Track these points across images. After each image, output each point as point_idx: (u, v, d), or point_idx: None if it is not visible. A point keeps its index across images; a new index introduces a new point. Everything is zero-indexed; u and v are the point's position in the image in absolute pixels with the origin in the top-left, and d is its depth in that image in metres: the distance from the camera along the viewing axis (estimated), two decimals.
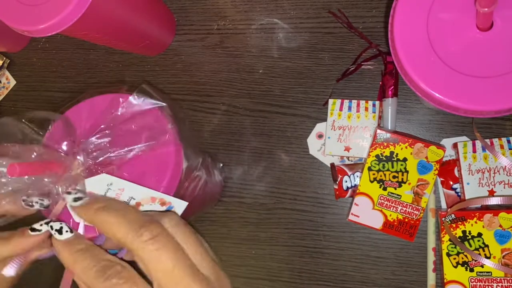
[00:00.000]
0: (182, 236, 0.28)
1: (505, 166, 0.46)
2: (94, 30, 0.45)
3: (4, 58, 0.65)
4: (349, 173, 0.51)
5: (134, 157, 0.36)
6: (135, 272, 0.27)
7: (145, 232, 0.26)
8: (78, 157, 0.34)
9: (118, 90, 0.40)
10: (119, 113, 0.37)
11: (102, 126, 0.37)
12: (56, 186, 0.32)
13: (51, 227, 0.29)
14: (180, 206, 0.32)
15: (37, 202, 0.32)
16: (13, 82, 0.65)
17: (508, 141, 0.47)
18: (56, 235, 0.29)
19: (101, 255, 0.28)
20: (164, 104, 0.38)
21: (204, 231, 0.57)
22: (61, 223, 0.30)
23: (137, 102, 0.38)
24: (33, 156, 0.32)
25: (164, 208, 0.32)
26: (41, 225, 0.30)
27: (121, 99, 0.38)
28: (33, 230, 0.30)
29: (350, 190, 0.51)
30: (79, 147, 0.36)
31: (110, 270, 0.27)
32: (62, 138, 0.37)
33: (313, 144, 0.54)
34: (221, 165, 0.56)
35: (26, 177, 0.31)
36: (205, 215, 0.57)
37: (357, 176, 0.51)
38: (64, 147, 0.35)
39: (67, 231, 0.29)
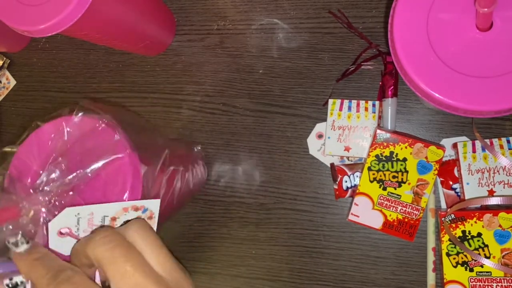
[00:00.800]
0: (141, 241, 0.28)
1: (505, 166, 0.46)
2: (94, 30, 0.45)
3: (4, 58, 0.65)
4: (349, 173, 0.51)
5: (92, 177, 0.36)
6: (86, 277, 0.27)
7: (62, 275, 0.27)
8: (31, 198, 0.33)
9: (59, 114, 0.40)
10: (65, 138, 0.37)
11: (53, 155, 0.37)
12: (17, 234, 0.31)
13: (8, 241, 0.29)
14: (154, 204, 0.32)
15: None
16: (13, 82, 0.65)
17: (508, 141, 0.47)
18: (13, 248, 0.29)
19: (54, 262, 0.28)
20: (106, 116, 0.38)
21: (204, 231, 0.57)
22: (16, 236, 0.29)
23: (78, 121, 0.38)
24: None
25: (139, 212, 0.32)
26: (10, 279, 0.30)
27: (64, 123, 0.38)
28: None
29: (350, 190, 0.51)
30: (31, 187, 0.35)
31: (60, 275, 0.27)
32: (10, 186, 0.37)
33: (313, 144, 0.54)
34: (199, 148, 0.56)
35: None
36: (205, 215, 0.57)
37: (357, 176, 0.51)
38: (14, 195, 0.34)
39: (23, 243, 0.29)
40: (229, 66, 0.57)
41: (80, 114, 0.38)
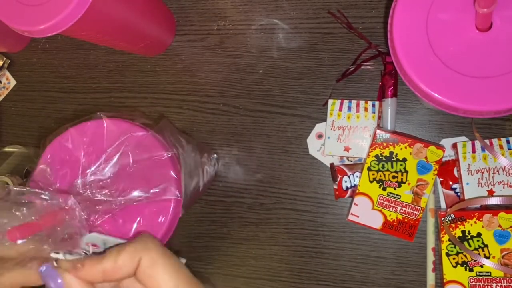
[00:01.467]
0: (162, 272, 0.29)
1: (505, 166, 0.46)
2: (94, 31, 0.45)
3: (4, 58, 0.65)
4: (349, 173, 0.51)
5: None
6: None
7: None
8: (72, 200, 0.33)
9: (132, 116, 0.39)
10: (128, 149, 0.36)
11: (106, 154, 0.36)
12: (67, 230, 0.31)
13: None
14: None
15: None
16: (13, 82, 0.65)
17: (508, 142, 0.47)
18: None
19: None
20: (173, 152, 0.37)
21: (204, 231, 0.57)
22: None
23: (150, 141, 0.36)
24: (32, 217, 0.31)
25: None
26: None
27: (136, 133, 0.37)
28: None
29: (349, 190, 0.51)
30: (73, 185, 0.35)
31: None
32: (48, 181, 0.36)
33: (313, 144, 0.54)
34: (215, 155, 0.56)
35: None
36: (205, 215, 0.57)
37: (357, 176, 0.51)
38: (51, 194, 0.33)
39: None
40: (229, 66, 0.57)
41: (157, 132, 0.37)
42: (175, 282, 0.27)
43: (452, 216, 0.47)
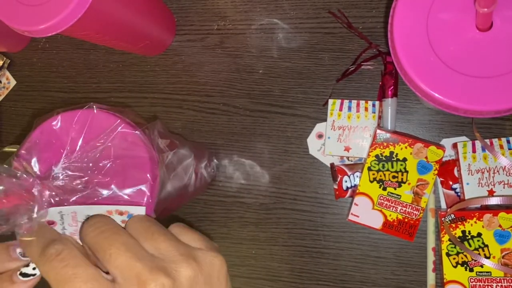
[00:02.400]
0: (134, 227, 0.29)
1: (505, 166, 0.46)
2: (94, 31, 0.45)
3: (4, 58, 0.65)
4: (349, 173, 0.51)
5: (108, 167, 0.35)
6: (75, 251, 0.27)
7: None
8: (40, 183, 0.32)
9: (124, 113, 0.39)
10: (112, 144, 0.36)
11: (89, 144, 0.35)
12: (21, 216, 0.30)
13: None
14: (139, 211, 0.32)
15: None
16: (13, 82, 0.65)
17: (508, 141, 0.47)
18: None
19: (46, 233, 0.28)
20: (155, 155, 0.37)
21: (204, 231, 0.57)
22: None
23: (135, 140, 0.37)
24: None
25: (124, 217, 0.32)
26: (33, 268, 0.29)
27: (124, 129, 0.36)
28: (25, 275, 0.29)
29: (350, 190, 0.51)
30: (45, 174, 0.34)
31: (49, 249, 0.26)
32: (30, 160, 0.36)
33: (313, 144, 0.54)
34: (216, 161, 0.56)
35: None
36: (205, 215, 0.57)
37: (357, 176, 0.51)
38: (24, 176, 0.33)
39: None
40: (229, 66, 0.57)
41: (149, 131, 0.37)
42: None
43: (452, 216, 0.47)
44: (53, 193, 0.33)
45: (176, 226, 0.30)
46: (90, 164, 0.35)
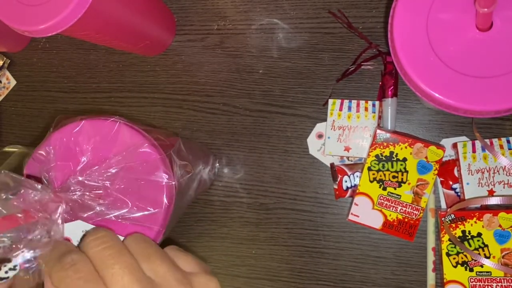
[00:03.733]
0: (134, 247, 0.28)
1: (505, 166, 0.46)
2: (94, 31, 0.45)
3: (5, 58, 0.65)
4: (349, 173, 0.51)
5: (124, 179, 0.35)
6: (90, 266, 0.27)
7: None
8: (61, 197, 0.32)
9: (147, 130, 0.38)
10: (132, 163, 0.35)
11: (110, 160, 0.34)
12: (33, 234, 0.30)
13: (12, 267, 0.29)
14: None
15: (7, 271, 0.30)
16: (13, 82, 0.65)
17: (508, 141, 0.47)
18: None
19: (62, 243, 0.28)
20: (173, 182, 0.37)
21: (204, 231, 0.57)
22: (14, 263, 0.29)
23: (155, 162, 0.35)
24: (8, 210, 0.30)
25: None
26: (6, 272, 0.29)
27: (146, 149, 0.35)
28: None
29: (350, 190, 0.51)
30: (65, 184, 0.33)
31: (65, 259, 0.26)
32: (47, 166, 0.35)
33: (313, 144, 0.54)
34: (218, 165, 0.56)
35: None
36: (205, 215, 0.57)
37: (357, 176, 0.51)
38: (40, 189, 0.32)
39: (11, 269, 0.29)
40: (229, 66, 0.57)
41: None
42: None
43: (452, 216, 0.47)
44: (69, 207, 0.33)
45: (170, 249, 0.30)
46: (108, 181, 0.35)
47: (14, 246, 0.29)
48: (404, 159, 0.48)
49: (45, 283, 0.28)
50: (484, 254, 0.46)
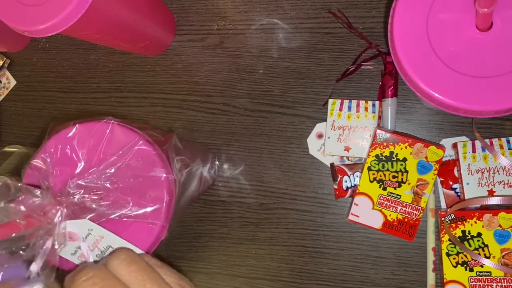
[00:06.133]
0: (126, 272, 0.28)
1: (505, 166, 0.46)
2: (94, 31, 0.45)
3: (5, 58, 0.65)
4: (349, 173, 0.51)
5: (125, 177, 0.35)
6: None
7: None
8: (61, 202, 0.32)
9: (142, 128, 0.38)
10: (130, 162, 0.35)
11: (107, 161, 0.35)
12: (38, 240, 0.31)
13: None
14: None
15: None
16: (13, 82, 0.65)
17: (508, 141, 0.47)
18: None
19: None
20: (172, 176, 0.37)
21: (204, 231, 0.57)
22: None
23: (153, 158, 0.36)
24: (9, 217, 0.31)
25: None
26: None
27: (142, 147, 0.36)
28: None
29: (350, 190, 0.51)
30: (63, 189, 0.34)
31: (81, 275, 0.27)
32: (44, 173, 0.35)
33: (313, 144, 0.54)
34: (217, 163, 0.56)
35: None
36: (205, 215, 0.57)
37: (357, 176, 0.51)
38: (40, 195, 0.32)
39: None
40: (229, 66, 0.57)
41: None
42: None
43: (452, 216, 0.47)
44: (70, 210, 0.33)
45: (152, 262, 0.31)
46: (107, 181, 0.35)
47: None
48: (404, 159, 0.48)
49: None
50: (484, 254, 0.46)
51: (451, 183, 0.49)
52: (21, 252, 0.29)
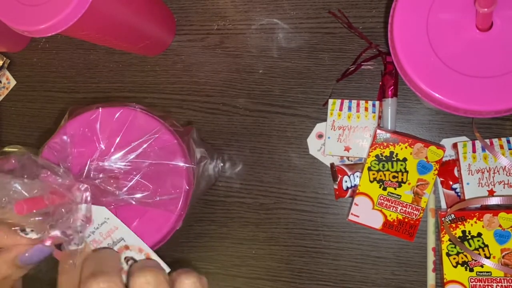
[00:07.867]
0: None
1: (505, 166, 0.46)
2: (94, 30, 0.45)
3: (4, 58, 0.65)
4: (349, 173, 0.51)
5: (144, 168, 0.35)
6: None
7: None
8: (81, 184, 0.33)
9: (163, 117, 0.38)
10: (150, 149, 0.35)
11: (129, 147, 0.35)
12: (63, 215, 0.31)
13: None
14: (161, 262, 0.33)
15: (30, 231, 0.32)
16: (13, 82, 0.65)
17: (508, 141, 0.47)
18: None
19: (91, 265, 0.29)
20: (192, 166, 0.37)
21: (204, 231, 0.57)
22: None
23: (173, 148, 0.36)
24: (35, 191, 0.31)
25: (142, 255, 0.32)
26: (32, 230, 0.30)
27: (164, 136, 0.36)
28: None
29: (350, 190, 0.51)
30: (86, 169, 0.34)
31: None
32: (64, 154, 0.35)
33: (313, 144, 0.54)
34: (221, 164, 0.56)
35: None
36: (205, 215, 0.57)
37: (357, 176, 0.51)
38: (64, 173, 0.33)
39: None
40: (229, 66, 0.57)
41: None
42: None
43: (453, 216, 0.47)
44: (91, 192, 0.33)
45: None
46: (127, 167, 0.35)
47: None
48: (404, 159, 0.48)
49: None
50: (484, 254, 0.46)
51: (451, 183, 0.49)
52: (46, 231, 0.30)
